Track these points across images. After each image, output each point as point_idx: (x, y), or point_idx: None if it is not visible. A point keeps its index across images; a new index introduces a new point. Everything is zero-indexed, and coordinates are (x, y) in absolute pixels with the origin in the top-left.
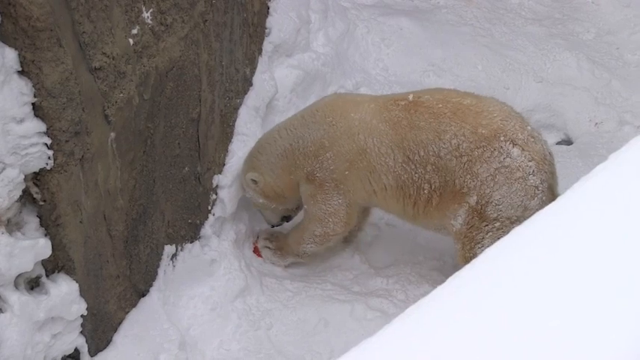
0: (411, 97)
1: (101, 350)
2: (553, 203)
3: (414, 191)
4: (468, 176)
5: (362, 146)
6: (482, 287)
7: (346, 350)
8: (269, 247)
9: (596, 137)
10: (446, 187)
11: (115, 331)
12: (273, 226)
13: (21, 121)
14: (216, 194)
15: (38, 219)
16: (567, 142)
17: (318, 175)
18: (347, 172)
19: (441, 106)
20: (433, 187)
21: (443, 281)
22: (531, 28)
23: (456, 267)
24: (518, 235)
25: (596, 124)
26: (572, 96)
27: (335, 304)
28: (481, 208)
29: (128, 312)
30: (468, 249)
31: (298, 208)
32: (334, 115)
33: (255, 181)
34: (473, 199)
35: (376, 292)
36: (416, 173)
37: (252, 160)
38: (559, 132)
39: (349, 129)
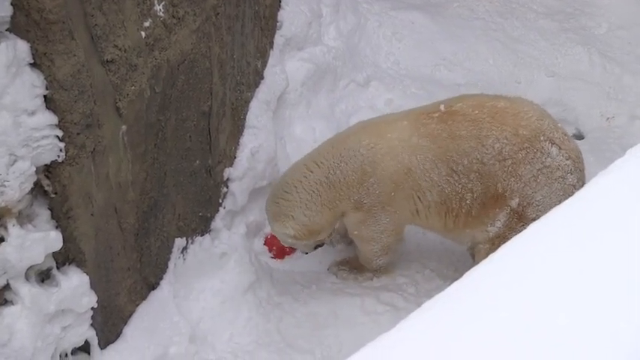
0: (442, 107)
1: (111, 343)
2: (570, 199)
3: (456, 203)
4: (512, 179)
5: (407, 165)
6: (499, 282)
7: (356, 344)
8: (344, 269)
9: (608, 132)
10: (487, 194)
11: (126, 324)
12: (306, 253)
13: (33, 113)
14: (227, 187)
15: (49, 211)
16: (579, 136)
17: (365, 201)
18: (393, 194)
19: (477, 112)
20: (475, 195)
21: (454, 276)
22: (543, 22)
23: (467, 262)
24: (537, 230)
25: (608, 118)
26: (584, 90)
27: (345, 297)
28: (522, 210)
29: (138, 305)
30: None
31: (330, 234)
32: (371, 138)
33: (283, 231)
34: (515, 202)
35: (386, 286)
36: (459, 184)
37: (278, 204)
38: (570, 126)
39: (391, 149)
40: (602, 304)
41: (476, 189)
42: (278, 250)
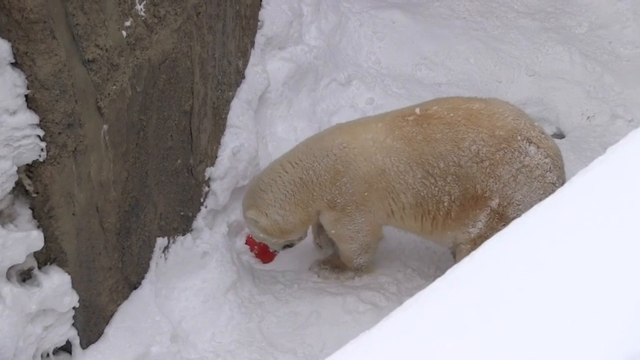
0: (418, 110)
1: (93, 342)
2: (551, 197)
3: (433, 206)
4: (491, 180)
5: (380, 166)
6: (481, 280)
7: (338, 342)
8: (326, 268)
9: (589, 131)
10: (466, 195)
11: (107, 324)
12: (274, 251)
13: (14, 112)
14: (208, 187)
15: (31, 211)
16: (559, 135)
17: (339, 200)
18: (366, 194)
19: (452, 114)
20: (453, 197)
21: (435, 275)
22: (524, 21)
23: (448, 261)
24: (518, 227)
25: (589, 117)
26: (565, 90)
27: (327, 296)
28: (502, 210)
29: (120, 304)
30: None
31: (301, 238)
32: (344, 138)
33: (256, 221)
34: (495, 202)
35: (368, 285)
36: (436, 187)
37: (254, 198)
38: (551, 126)
39: (364, 150)
40: (583, 300)
41: (453, 191)
42: (260, 249)
